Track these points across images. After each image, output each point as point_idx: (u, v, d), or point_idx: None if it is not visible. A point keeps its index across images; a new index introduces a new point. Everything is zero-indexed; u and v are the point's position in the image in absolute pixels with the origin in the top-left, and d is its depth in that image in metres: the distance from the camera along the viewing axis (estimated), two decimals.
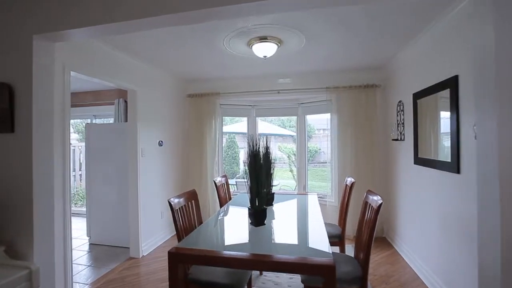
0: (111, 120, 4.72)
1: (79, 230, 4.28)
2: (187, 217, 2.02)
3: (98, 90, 4.82)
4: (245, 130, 4.76)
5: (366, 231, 1.82)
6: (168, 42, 2.69)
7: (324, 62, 3.43)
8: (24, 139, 1.64)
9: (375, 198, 1.83)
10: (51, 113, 1.76)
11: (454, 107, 2.06)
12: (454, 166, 2.04)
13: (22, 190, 1.69)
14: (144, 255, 3.31)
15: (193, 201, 2.16)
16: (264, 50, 2.70)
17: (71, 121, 6.41)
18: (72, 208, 5.54)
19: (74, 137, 6.98)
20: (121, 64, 2.98)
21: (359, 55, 3.17)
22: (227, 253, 1.51)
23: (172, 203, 1.85)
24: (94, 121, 5.15)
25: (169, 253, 1.53)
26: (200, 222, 2.20)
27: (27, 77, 1.64)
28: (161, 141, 3.74)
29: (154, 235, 3.56)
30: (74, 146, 6.19)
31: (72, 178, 6.25)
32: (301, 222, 2.22)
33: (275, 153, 4.87)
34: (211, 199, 4.23)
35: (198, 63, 3.42)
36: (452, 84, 2.08)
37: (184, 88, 4.38)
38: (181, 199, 1.99)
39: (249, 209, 2.08)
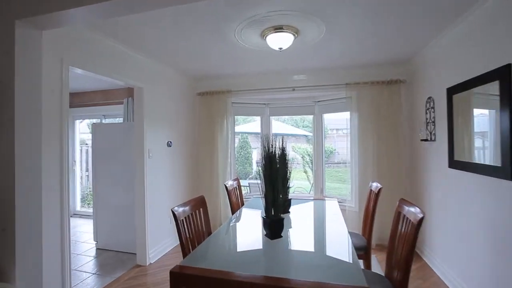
0: (121, 120, 4.60)
1: (88, 233, 4.17)
2: (194, 227, 1.80)
3: (107, 89, 4.71)
4: (258, 130, 4.53)
5: (402, 247, 1.54)
6: (175, 34, 2.48)
7: (344, 55, 3.14)
8: (6, 140, 1.45)
9: (412, 209, 1.55)
10: (38, 111, 1.56)
11: (506, 102, 1.74)
12: (507, 171, 1.73)
13: (1, 196, 1.50)
14: (152, 262, 3.13)
15: (201, 209, 1.94)
16: (280, 41, 2.45)
17: (87, 121, 6.42)
18: (84, 210, 5.52)
19: (90, 137, 6.96)
20: (126, 59, 2.80)
21: (384, 47, 2.87)
22: (238, 275, 1.27)
23: (176, 213, 1.63)
24: (104, 121, 5.05)
25: (171, 273, 1.31)
26: (209, 233, 1.98)
27: (9, 70, 1.43)
28: (170, 142, 3.56)
29: (162, 241, 3.37)
30: (88, 146, 6.16)
31: (85, 179, 6.27)
32: (323, 233, 1.96)
33: (289, 153, 4.60)
34: (223, 202, 4.01)
35: (208, 58, 3.21)
36: (502, 74, 1.76)
37: (194, 86, 4.19)
38: (187, 208, 1.77)
39: (263, 218, 1.85)
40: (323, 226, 2.14)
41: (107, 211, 3.57)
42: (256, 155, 7.98)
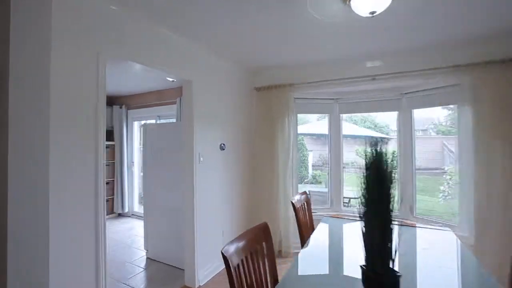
0: (174, 121, 4.37)
1: (142, 238, 3.98)
2: (255, 274, 1.20)
3: (161, 90, 4.57)
4: (314, 131, 3.81)
5: None
6: (230, 15, 1.95)
7: (458, 22, 2.20)
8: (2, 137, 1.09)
9: None
10: (45, 106, 1.16)
11: None
12: None
13: None
14: (201, 285, 2.68)
15: (263, 243, 1.33)
16: (371, 1, 1.71)
17: (146, 122, 6.55)
18: (142, 210, 5.50)
19: None
20: (171, 47, 2.37)
21: None
22: None
23: (226, 255, 1.05)
24: (158, 122, 4.93)
25: None
26: (275, 280, 1.35)
27: (4, 52, 1.04)
28: (223, 144, 3.08)
29: (213, 259, 2.90)
30: None
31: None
32: None
33: (346, 157, 3.81)
34: (284, 216, 3.38)
35: (267, 44, 2.62)
36: None
37: (251, 80, 3.66)
38: (242, 244, 1.18)
39: (362, 268, 1.16)
40: (447, 275, 1.32)
41: (157, 218, 3.27)
42: (311, 158, 7.36)
